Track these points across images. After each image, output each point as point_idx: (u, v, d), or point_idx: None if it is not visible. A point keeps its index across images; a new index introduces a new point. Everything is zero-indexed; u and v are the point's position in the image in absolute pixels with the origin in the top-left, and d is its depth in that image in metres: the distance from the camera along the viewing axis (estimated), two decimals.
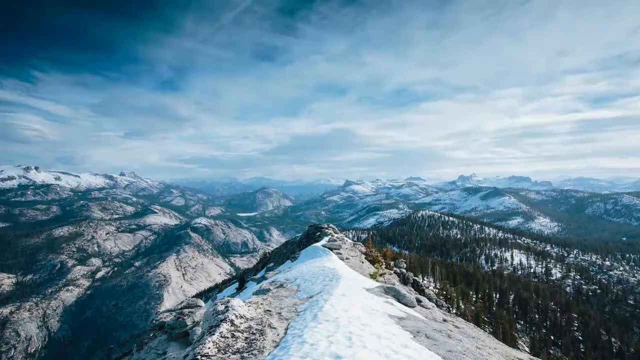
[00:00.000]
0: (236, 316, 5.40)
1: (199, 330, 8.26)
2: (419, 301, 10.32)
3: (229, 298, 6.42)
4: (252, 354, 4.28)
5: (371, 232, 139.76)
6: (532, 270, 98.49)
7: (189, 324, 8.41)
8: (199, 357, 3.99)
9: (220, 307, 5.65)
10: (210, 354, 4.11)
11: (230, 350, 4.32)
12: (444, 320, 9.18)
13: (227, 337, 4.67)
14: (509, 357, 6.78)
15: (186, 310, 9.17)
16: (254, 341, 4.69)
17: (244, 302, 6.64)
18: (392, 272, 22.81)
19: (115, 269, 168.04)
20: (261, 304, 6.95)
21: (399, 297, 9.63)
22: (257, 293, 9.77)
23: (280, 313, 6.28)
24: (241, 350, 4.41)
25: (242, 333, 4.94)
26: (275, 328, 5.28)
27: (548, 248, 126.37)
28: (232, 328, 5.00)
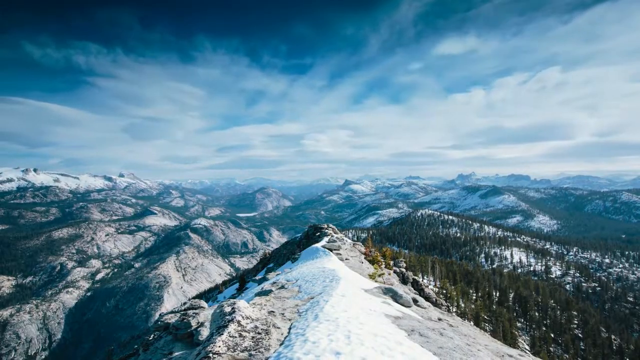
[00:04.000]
0: (242, 317, 5.75)
1: (204, 330, 8.58)
2: (415, 301, 10.66)
3: (235, 300, 6.76)
4: (259, 351, 4.66)
5: (371, 232, 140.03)
6: (531, 269, 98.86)
7: (193, 324, 8.73)
8: (210, 355, 4.36)
9: (227, 309, 6.00)
10: (220, 351, 4.49)
11: (238, 349, 4.70)
12: (439, 319, 9.52)
13: (235, 337, 5.05)
14: (499, 353, 7.14)
15: (190, 312, 9.49)
16: (260, 340, 5.06)
17: (248, 303, 6.99)
18: (391, 271, 23.13)
19: (115, 270, 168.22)
20: (265, 305, 7.29)
21: (396, 298, 9.97)
22: (259, 294, 10.09)
23: (283, 314, 6.63)
24: (249, 348, 4.79)
25: (249, 333, 5.31)
26: (279, 328, 5.66)
27: (547, 246, 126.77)
28: (239, 328, 5.37)
